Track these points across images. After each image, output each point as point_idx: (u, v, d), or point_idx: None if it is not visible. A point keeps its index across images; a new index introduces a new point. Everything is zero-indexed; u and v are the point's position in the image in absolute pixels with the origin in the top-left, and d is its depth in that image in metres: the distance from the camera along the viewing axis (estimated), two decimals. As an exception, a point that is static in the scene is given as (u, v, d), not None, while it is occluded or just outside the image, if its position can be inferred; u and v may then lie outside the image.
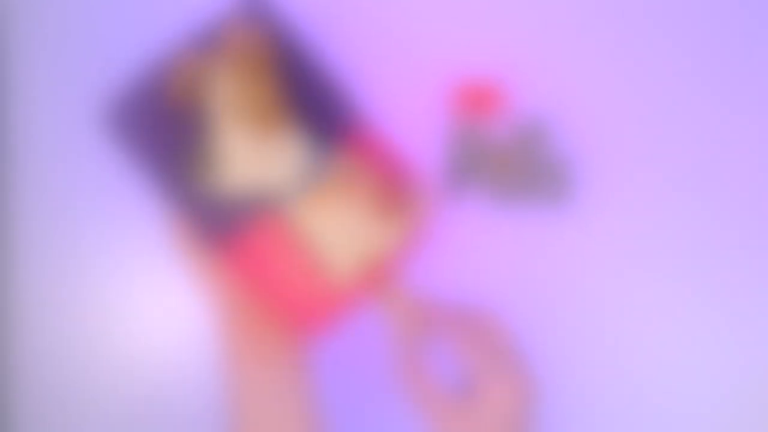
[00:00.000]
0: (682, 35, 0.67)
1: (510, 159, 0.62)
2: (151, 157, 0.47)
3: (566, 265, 0.68)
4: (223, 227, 0.47)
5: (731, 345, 0.69)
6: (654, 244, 0.68)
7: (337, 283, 0.48)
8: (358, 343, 0.67)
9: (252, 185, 0.47)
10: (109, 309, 0.65)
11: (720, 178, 0.68)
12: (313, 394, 0.54)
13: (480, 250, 0.67)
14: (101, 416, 0.65)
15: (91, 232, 0.64)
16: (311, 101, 0.48)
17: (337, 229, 0.48)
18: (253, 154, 0.46)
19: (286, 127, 0.47)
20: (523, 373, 0.47)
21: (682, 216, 0.68)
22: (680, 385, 0.69)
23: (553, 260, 0.68)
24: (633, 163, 0.67)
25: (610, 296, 0.68)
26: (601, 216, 0.67)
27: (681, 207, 0.68)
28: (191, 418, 0.66)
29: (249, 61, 0.46)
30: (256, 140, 0.47)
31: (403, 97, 0.65)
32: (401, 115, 0.64)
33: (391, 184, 0.49)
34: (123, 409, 0.66)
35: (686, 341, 0.69)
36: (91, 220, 0.64)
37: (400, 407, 0.67)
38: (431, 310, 0.49)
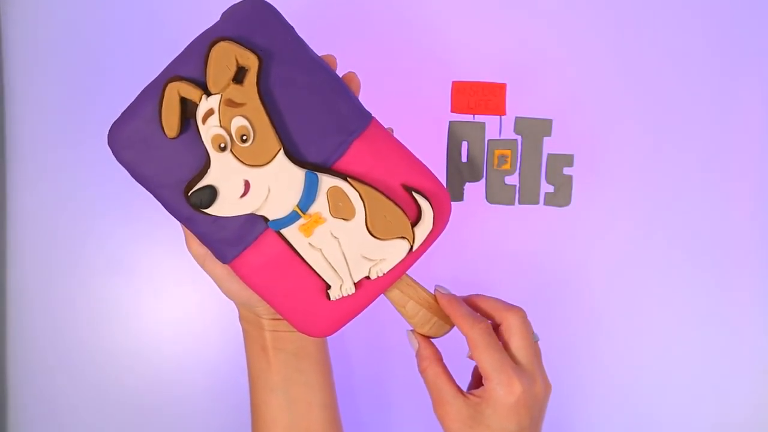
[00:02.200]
0: (679, 37, 0.67)
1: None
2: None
3: (562, 258, 0.68)
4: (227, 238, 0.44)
5: (727, 343, 0.69)
6: (650, 240, 0.68)
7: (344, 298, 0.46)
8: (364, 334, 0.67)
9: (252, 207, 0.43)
10: (110, 307, 0.65)
11: (717, 175, 0.68)
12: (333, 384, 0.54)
13: (478, 242, 0.67)
14: (103, 414, 0.65)
15: (92, 231, 0.64)
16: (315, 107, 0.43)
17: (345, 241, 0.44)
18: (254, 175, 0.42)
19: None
20: (537, 372, 0.47)
21: (679, 213, 0.68)
22: (677, 378, 0.70)
23: (550, 253, 0.68)
24: (629, 160, 0.67)
25: (608, 291, 0.68)
26: (598, 211, 0.67)
27: (677, 204, 0.68)
28: (194, 416, 0.66)
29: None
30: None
31: (407, 95, 0.65)
32: (406, 114, 0.64)
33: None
34: (125, 407, 0.65)
35: (682, 336, 0.69)
36: (92, 219, 0.64)
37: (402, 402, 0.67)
38: (446, 304, 0.48)
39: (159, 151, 0.42)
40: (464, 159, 0.65)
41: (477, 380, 0.50)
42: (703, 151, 0.68)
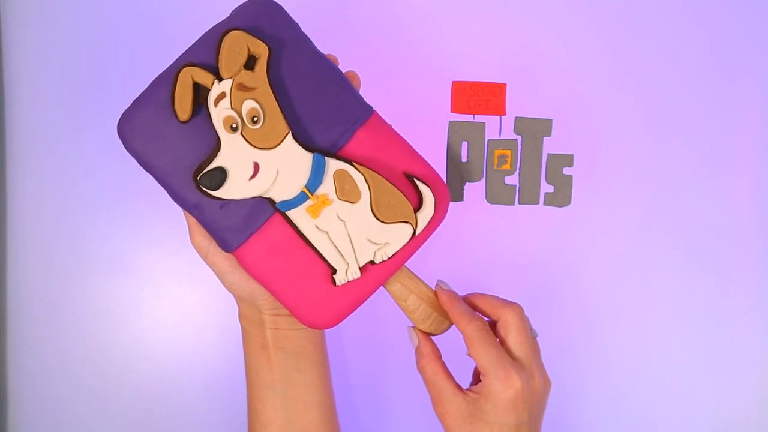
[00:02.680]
0: (679, 37, 0.67)
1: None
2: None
3: (562, 258, 0.68)
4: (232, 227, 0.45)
5: (727, 342, 0.69)
6: (650, 240, 0.68)
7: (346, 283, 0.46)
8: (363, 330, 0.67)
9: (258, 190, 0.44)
10: (110, 307, 0.65)
11: (717, 175, 0.68)
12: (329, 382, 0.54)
13: (478, 241, 0.67)
14: (103, 413, 0.65)
15: (92, 230, 0.64)
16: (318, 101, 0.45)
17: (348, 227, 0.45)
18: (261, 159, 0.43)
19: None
20: (535, 367, 0.47)
21: (679, 213, 0.68)
22: (677, 377, 0.70)
23: (550, 253, 0.68)
24: (629, 160, 0.67)
25: (608, 291, 0.68)
26: (598, 211, 0.67)
27: (677, 203, 0.68)
28: (193, 415, 0.66)
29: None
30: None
31: (407, 95, 0.65)
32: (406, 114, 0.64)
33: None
34: (124, 406, 0.65)
35: (682, 336, 0.69)
36: (92, 219, 0.64)
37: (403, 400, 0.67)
38: (445, 300, 0.48)
39: (169, 138, 0.43)
40: (464, 159, 0.65)
41: (478, 379, 0.50)
42: (703, 151, 0.68)
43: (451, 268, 0.65)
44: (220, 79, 0.42)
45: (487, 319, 0.48)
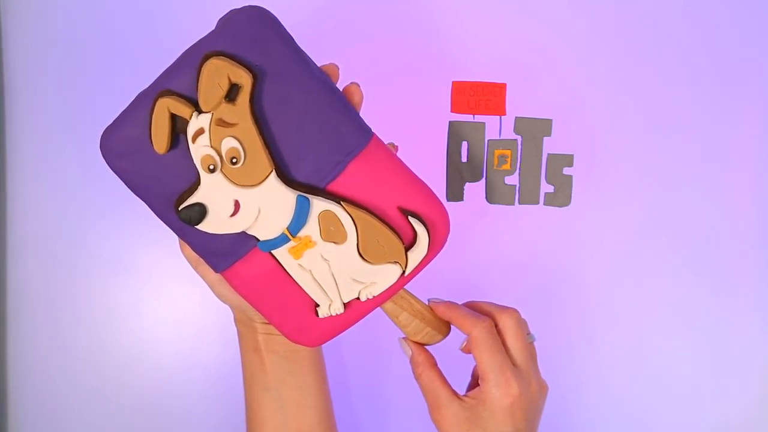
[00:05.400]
0: (679, 37, 0.67)
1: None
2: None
3: (562, 258, 0.68)
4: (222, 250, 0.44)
5: (727, 343, 0.69)
6: (650, 240, 0.68)
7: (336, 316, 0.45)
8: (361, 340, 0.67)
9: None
10: (110, 307, 0.65)
11: (717, 175, 0.68)
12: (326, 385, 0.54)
13: (478, 241, 0.67)
14: (103, 413, 0.65)
15: (92, 231, 0.64)
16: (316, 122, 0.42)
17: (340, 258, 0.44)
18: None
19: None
20: (532, 373, 0.47)
21: (679, 213, 0.68)
22: (676, 378, 0.69)
23: (550, 253, 0.67)
24: (629, 160, 0.67)
25: (607, 291, 0.68)
26: (598, 211, 0.67)
27: (677, 204, 0.68)
28: (193, 415, 0.66)
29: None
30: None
31: (407, 95, 0.65)
32: (406, 114, 0.64)
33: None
34: (124, 407, 0.65)
35: (681, 336, 0.69)
36: (92, 219, 0.64)
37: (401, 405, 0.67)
38: (444, 311, 0.48)
39: (151, 163, 0.41)
40: (464, 159, 0.65)
41: (476, 380, 0.50)
42: (702, 151, 0.68)
43: (451, 268, 0.65)
44: (200, 111, 0.40)
45: None
